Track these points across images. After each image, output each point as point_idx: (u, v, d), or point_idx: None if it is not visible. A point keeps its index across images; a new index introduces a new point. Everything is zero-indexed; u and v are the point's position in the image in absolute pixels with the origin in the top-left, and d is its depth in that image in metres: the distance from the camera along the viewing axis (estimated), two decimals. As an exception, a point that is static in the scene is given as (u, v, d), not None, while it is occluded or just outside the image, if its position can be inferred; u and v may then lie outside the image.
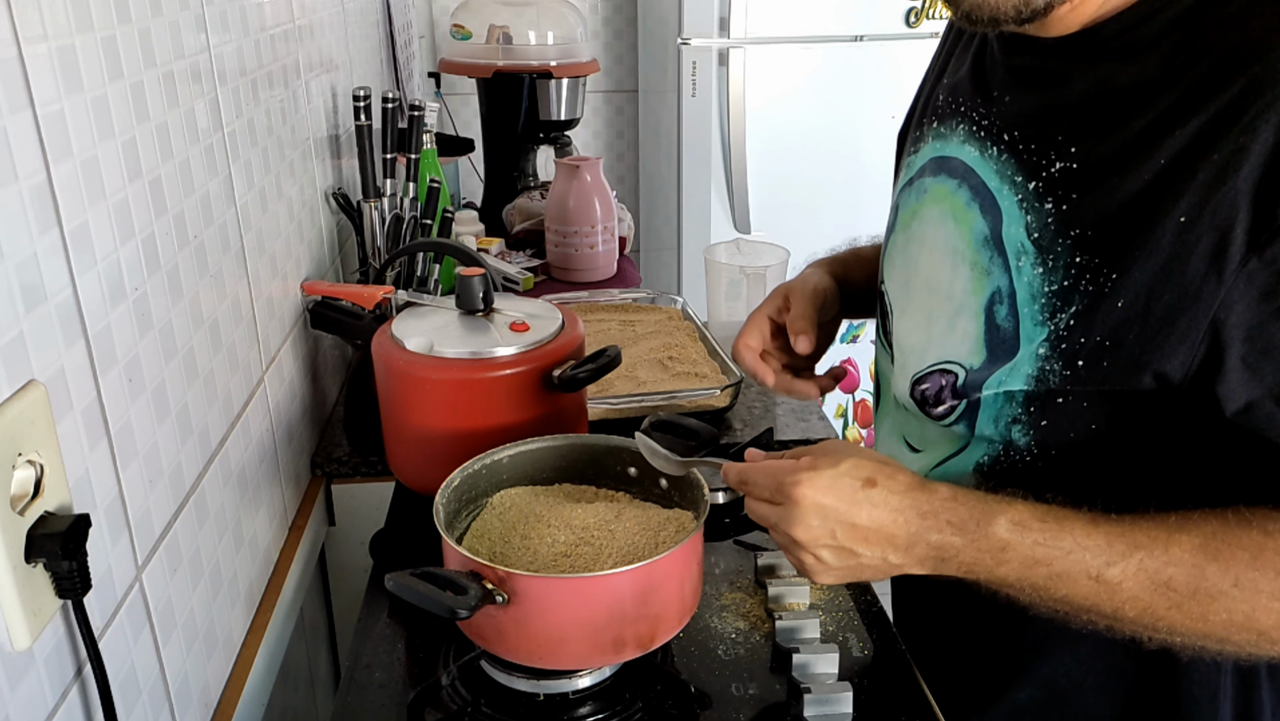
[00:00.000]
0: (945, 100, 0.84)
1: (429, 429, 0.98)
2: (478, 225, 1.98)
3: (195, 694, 0.81)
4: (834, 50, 2.48)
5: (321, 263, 1.34)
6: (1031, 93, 0.75)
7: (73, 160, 0.63)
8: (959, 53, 0.87)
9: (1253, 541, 0.65)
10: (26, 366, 0.57)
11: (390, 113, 1.42)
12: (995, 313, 0.75)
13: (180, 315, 0.80)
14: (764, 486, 0.73)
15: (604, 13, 2.99)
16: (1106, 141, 0.69)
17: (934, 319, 0.81)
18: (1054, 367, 0.71)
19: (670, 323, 1.54)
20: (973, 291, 0.77)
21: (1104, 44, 0.71)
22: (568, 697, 0.80)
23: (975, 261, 0.77)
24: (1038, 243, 0.72)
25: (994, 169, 0.76)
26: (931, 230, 0.82)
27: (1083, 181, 0.70)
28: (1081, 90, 0.72)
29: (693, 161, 2.58)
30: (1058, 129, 0.72)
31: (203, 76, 0.88)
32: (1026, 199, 0.73)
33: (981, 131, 0.78)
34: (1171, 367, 0.67)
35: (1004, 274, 0.74)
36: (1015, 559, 0.68)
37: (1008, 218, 0.74)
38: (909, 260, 0.86)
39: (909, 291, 0.86)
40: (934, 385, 0.80)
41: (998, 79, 0.79)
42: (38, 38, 0.59)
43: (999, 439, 0.76)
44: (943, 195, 0.81)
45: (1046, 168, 0.72)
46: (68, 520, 0.58)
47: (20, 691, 0.56)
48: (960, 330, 0.77)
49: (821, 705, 0.79)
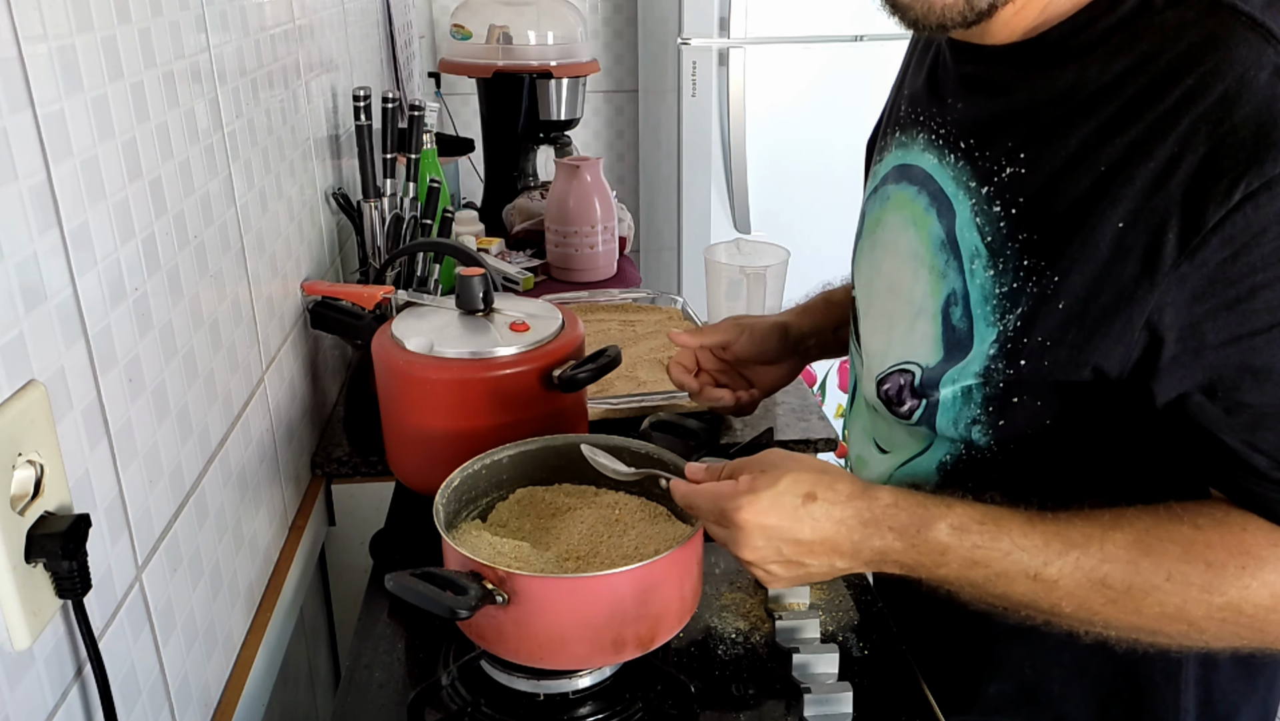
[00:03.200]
0: (906, 110, 0.87)
1: (429, 429, 0.98)
2: (478, 225, 1.98)
3: (195, 694, 0.81)
4: (834, 50, 2.48)
5: (321, 263, 1.34)
6: (981, 99, 0.78)
7: (73, 160, 0.63)
8: (916, 63, 0.90)
9: (1183, 536, 0.67)
10: (26, 366, 0.57)
11: (390, 113, 1.42)
12: (951, 313, 0.77)
13: (180, 315, 0.80)
14: (708, 511, 0.75)
15: (604, 13, 2.99)
16: (1051, 147, 0.71)
17: (895, 321, 0.84)
18: (999, 366, 0.74)
19: (670, 323, 1.54)
20: (930, 294, 0.79)
21: (1048, 51, 0.73)
22: (568, 697, 0.80)
23: (933, 265, 0.79)
24: (990, 246, 0.74)
25: (950, 175, 0.79)
26: (893, 236, 0.85)
27: (1030, 186, 0.72)
28: (1027, 97, 0.74)
29: (693, 161, 2.58)
30: (1007, 135, 0.75)
31: (203, 76, 0.88)
32: (979, 203, 0.75)
33: (939, 139, 0.81)
34: (1109, 365, 0.70)
35: (959, 276, 0.76)
36: (955, 560, 0.70)
37: (961, 221, 0.77)
38: (873, 265, 0.89)
39: (872, 295, 0.89)
40: (894, 385, 0.82)
41: (950, 87, 0.81)
42: (38, 38, 0.59)
43: (959, 438, 0.79)
44: (904, 202, 0.84)
45: (998, 173, 0.74)
46: (68, 520, 0.58)
47: (20, 691, 0.56)
48: (919, 332, 0.80)
49: (821, 705, 0.79)
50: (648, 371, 1.37)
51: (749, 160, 2.51)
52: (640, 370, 1.37)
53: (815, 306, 1.11)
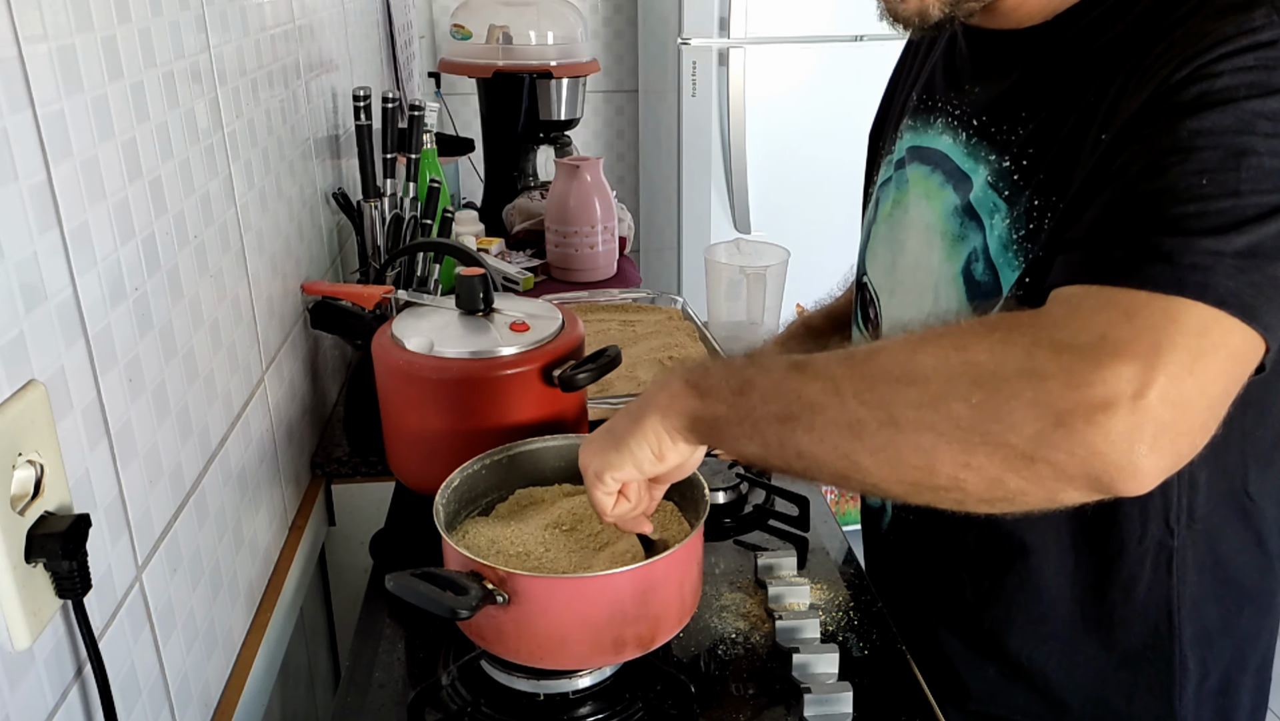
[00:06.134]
0: (918, 100, 0.90)
1: (429, 429, 0.98)
2: (478, 225, 1.98)
3: (195, 694, 0.81)
4: (834, 50, 2.48)
5: (321, 263, 1.34)
6: (997, 80, 0.80)
7: (73, 160, 0.63)
8: (924, 56, 0.93)
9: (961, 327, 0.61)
10: (26, 366, 0.57)
11: (390, 113, 1.42)
12: (973, 270, 0.79)
13: (180, 315, 0.80)
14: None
15: (604, 13, 2.99)
16: (1055, 95, 0.74)
17: (924, 294, 0.85)
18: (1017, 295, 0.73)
19: (670, 323, 1.54)
20: (946, 259, 0.82)
21: (1061, 29, 0.75)
22: (568, 697, 0.80)
23: (945, 231, 0.82)
24: (1008, 199, 0.76)
25: (965, 151, 0.81)
26: (912, 214, 0.88)
27: (1038, 137, 0.74)
28: (1039, 69, 0.76)
29: (693, 161, 2.58)
30: (1019, 105, 0.77)
31: (203, 76, 0.88)
32: (995, 167, 0.78)
33: (955, 121, 0.84)
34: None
35: (978, 233, 0.78)
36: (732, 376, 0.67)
37: (978, 187, 0.79)
38: (895, 245, 0.91)
39: (896, 273, 0.90)
40: None
41: (968, 74, 0.84)
42: (38, 38, 0.59)
43: None
44: (919, 180, 0.87)
45: (1014, 142, 0.77)
46: (68, 520, 0.58)
47: (20, 691, 0.56)
48: (944, 298, 0.82)
49: (821, 705, 0.79)
50: (648, 371, 1.37)
51: (749, 160, 2.51)
52: (640, 370, 1.37)
53: (795, 334, 1.11)
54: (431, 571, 0.75)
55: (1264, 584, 0.84)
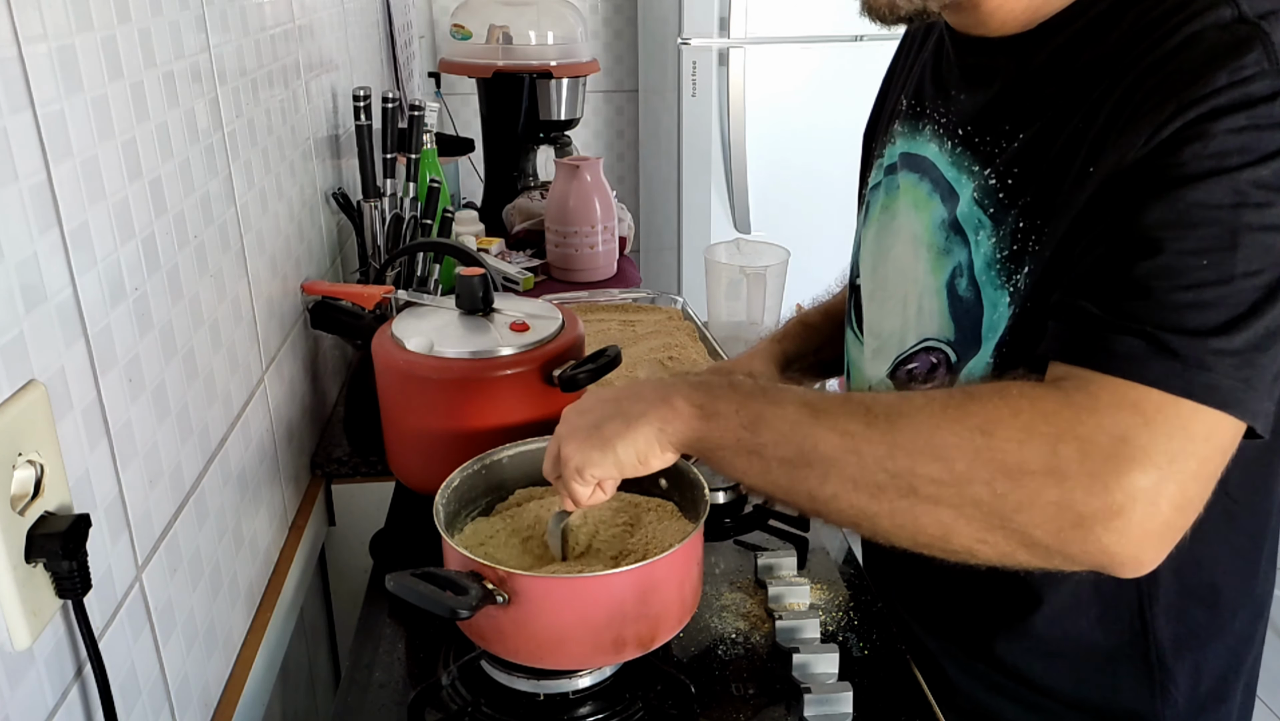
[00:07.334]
0: (908, 105, 0.90)
1: (429, 429, 0.98)
2: (478, 225, 1.98)
3: (195, 694, 0.81)
4: (834, 50, 2.49)
5: (321, 263, 1.34)
6: (982, 89, 0.80)
7: (73, 160, 0.63)
8: (914, 58, 0.93)
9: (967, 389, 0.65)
10: (26, 366, 0.57)
11: (390, 113, 1.42)
12: (956, 285, 0.79)
13: (180, 315, 0.80)
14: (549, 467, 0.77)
15: (604, 13, 2.99)
16: (1039, 112, 0.74)
17: (907, 302, 0.86)
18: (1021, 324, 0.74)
19: (670, 323, 1.54)
20: (931, 271, 0.82)
21: (1045, 39, 0.75)
22: (568, 697, 0.80)
23: (932, 244, 0.82)
24: (992, 217, 0.76)
25: (951, 161, 0.81)
26: (900, 221, 0.88)
27: (1024, 155, 0.74)
28: (1021, 77, 0.76)
29: (693, 161, 2.58)
30: (1004, 118, 0.77)
31: (203, 76, 0.88)
32: (981, 183, 0.78)
33: (941, 129, 0.84)
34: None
35: (963, 249, 0.79)
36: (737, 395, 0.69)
37: (964, 203, 0.79)
38: (882, 250, 0.91)
39: (880, 279, 0.91)
40: (923, 363, 0.84)
41: (954, 80, 0.84)
42: (38, 38, 0.59)
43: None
44: (908, 188, 0.87)
45: (998, 155, 0.77)
46: (68, 520, 0.58)
47: (20, 691, 0.56)
48: (927, 309, 0.82)
49: (821, 705, 0.79)
50: (648, 371, 1.37)
51: (749, 160, 2.51)
52: (640, 370, 1.37)
53: (792, 332, 1.12)
54: (431, 571, 0.75)
55: (1248, 587, 0.83)
